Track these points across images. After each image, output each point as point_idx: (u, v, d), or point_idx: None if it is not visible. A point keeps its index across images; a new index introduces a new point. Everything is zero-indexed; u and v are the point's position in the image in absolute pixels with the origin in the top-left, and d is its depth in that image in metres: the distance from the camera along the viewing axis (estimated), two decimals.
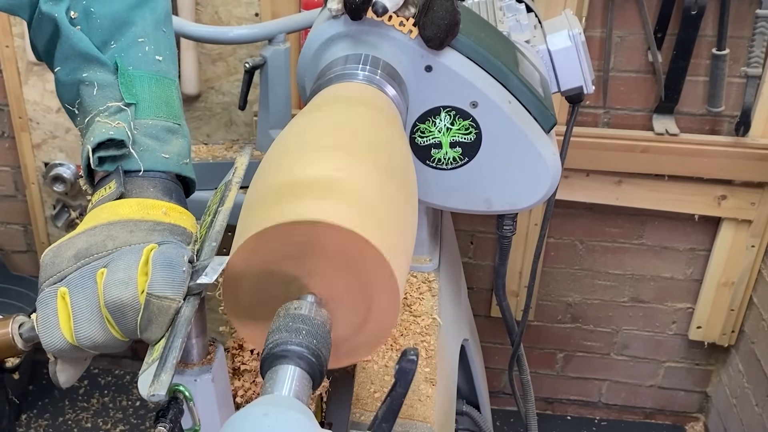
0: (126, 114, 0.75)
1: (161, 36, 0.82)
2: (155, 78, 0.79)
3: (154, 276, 0.64)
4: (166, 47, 0.82)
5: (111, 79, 0.77)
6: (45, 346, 0.66)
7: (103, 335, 0.66)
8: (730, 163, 1.91)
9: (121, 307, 0.64)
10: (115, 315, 0.65)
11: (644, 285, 2.23)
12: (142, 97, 0.77)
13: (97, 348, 0.67)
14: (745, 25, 1.83)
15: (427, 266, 1.21)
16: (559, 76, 1.17)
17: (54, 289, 0.66)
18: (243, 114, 2.05)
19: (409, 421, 0.95)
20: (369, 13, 0.92)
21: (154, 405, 0.63)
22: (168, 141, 0.77)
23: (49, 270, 0.67)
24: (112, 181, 0.73)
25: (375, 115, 0.82)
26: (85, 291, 0.65)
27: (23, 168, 2.24)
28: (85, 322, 0.65)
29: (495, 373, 2.25)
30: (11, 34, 2.05)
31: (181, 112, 0.81)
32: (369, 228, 0.63)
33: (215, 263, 0.68)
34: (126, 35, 0.79)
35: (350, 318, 0.67)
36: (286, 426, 0.53)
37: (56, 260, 0.68)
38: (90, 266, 0.66)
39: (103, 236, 0.68)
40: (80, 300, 0.65)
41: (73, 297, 0.65)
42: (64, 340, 0.65)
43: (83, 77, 0.77)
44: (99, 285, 0.65)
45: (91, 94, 0.77)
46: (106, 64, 0.77)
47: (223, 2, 1.94)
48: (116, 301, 0.64)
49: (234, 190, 0.81)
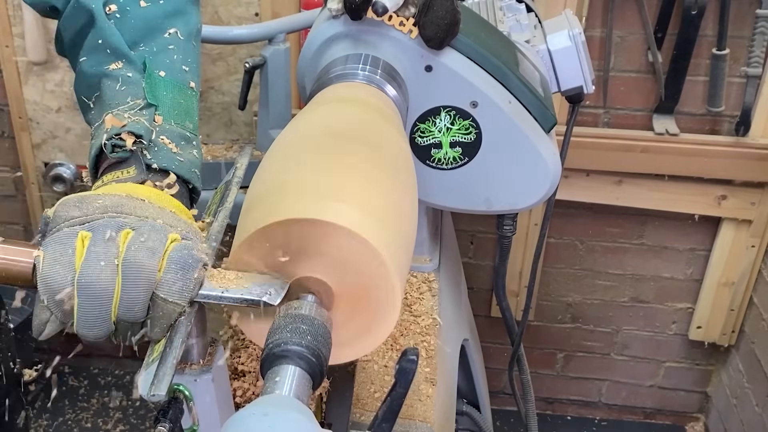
0: (147, 113, 0.75)
1: (190, 48, 0.83)
2: (179, 86, 0.80)
3: (166, 277, 0.63)
4: (194, 60, 0.83)
5: (137, 78, 0.77)
6: (48, 283, 0.61)
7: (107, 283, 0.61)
8: (730, 163, 1.91)
9: (139, 271, 0.62)
10: (128, 277, 0.62)
11: (644, 285, 2.22)
12: (163, 102, 0.78)
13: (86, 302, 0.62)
14: (745, 25, 1.83)
15: (427, 266, 1.21)
16: (559, 76, 1.18)
17: (75, 231, 0.63)
18: (243, 114, 2.05)
19: (409, 421, 0.95)
20: (369, 13, 0.92)
21: (154, 405, 0.63)
22: (182, 148, 0.77)
23: (72, 212, 0.64)
24: (131, 167, 0.72)
25: (375, 115, 0.82)
26: (106, 242, 0.62)
27: (23, 168, 2.24)
28: (95, 265, 0.61)
29: (495, 373, 2.25)
30: (11, 34, 2.05)
31: (197, 125, 0.82)
32: (369, 227, 0.63)
33: (279, 286, 0.65)
34: (157, 40, 0.80)
35: (350, 317, 0.67)
36: (286, 426, 0.53)
37: (82, 205, 0.65)
38: (118, 221, 0.64)
39: (134, 203, 0.66)
40: (100, 248, 0.62)
41: (92, 244, 0.62)
42: (70, 283, 0.61)
43: (109, 71, 0.77)
44: (122, 243, 0.62)
45: (114, 89, 0.77)
46: (134, 62, 0.78)
47: (223, 2, 1.94)
48: (137, 264, 0.61)
49: (234, 190, 0.81)
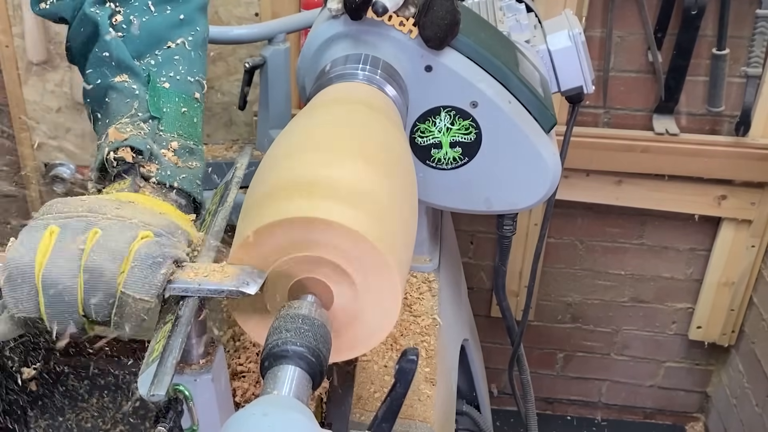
0: (149, 126, 0.76)
1: (196, 59, 0.84)
2: (183, 97, 0.80)
3: (132, 273, 0.62)
4: (199, 70, 0.84)
5: (141, 90, 0.78)
6: (7, 261, 0.62)
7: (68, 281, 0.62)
8: (730, 163, 1.91)
9: (100, 274, 0.62)
10: (88, 280, 0.62)
11: (644, 285, 2.22)
12: (167, 113, 0.78)
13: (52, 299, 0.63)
14: (745, 25, 1.83)
15: (427, 266, 1.21)
16: (559, 76, 1.17)
17: (45, 223, 0.64)
18: (243, 114, 2.05)
19: (409, 421, 0.95)
20: (369, 13, 0.92)
21: (154, 405, 0.63)
22: (185, 160, 0.78)
23: (56, 207, 0.66)
24: (127, 180, 0.74)
25: (375, 115, 0.82)
26: (74, 238, 0.63)
27: (23, 168, 2.24)
28: (58, 260, 0.62)
29: (495, 373, 2.25)
30: (11, 34, 2.04)
31: (201, 135, 0.82)
32: (369, 227, 0.63)
33: (257, 275, 0.65)
34: (163, 51, 0.81)
35: (350, 317, 0.67)
36: (286, 426, 0.53)
37: (66, 204, 0.67)
38: (86, 220, 0.65)
39: (112, 204, 0.68)
40: (65, 244, 0.63)
41: (59, 239, 0.63)
42: (30, 267, 0.62)
43: (114, 83, 0.78)
44: (88, 243, 0.63)
45: (119, 101, 0.78)
46: (138, 74, 0.79)
47: (223, 2, 1.93)
48: (97, 267, 0.62)
49: (234, 190, 0.81)
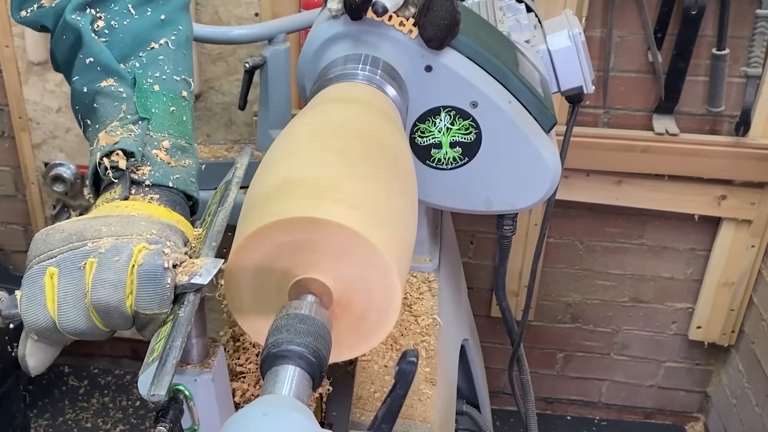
0: (139, 127, 0.76)
1: (181, 57, 0.83)
2: (171, 97, 0.80)
3: (139, 294, 0.64)
4: (185, 69, 0.83)
5: (128, 93, 0.78)
6: (27, 324, 0.65)
7: (86, 324, 0.65)
8: (730, 163, 1.91)
9: (107, 309, 0.64)
10: (100, 314, 0.65)
11: (644, 285, 2.22)
12: (156, 114, 0.78)
13: (79, 335, 0.66)
14: (745, 25, 1.83)
15: (427, 266, 1.21)
16: (559, 76, 1.17)
17: (43, 268, 0.65)
18: (243, 114, 2.05)
19: (409, 421, 0.95)
20: (369, 13, 0.92)
21: (154, 405, 0.63)
22: (177, 158, 0.78)
23: (41, 247, 0.67)
24: (118, 187, 0.74)
25: (375, 115, 0.82)
26: (73, 275, 0.65)
27: (23, 168, 2.24)
28: (69, 309, 0.65)
29: (495, 373, 2.25)
30: (11, 34, 2.05)
31: (193, 133, 0.82)
32: (368, 227, 0.63)
33: (210, 265, 0.67)
34: (147, 52, 0.81)
35: (350, 317, 0.67)
36: (286, 426, 0.53)
37: (49, 239, 0.67)
38: (81, 251, 0.66)
39: (99, 223, 0.68)
40: (68, 285, 0.65)
41: (61, 280, 0.65)
42: (48, 320, 0.65)
43: (101, 88, 0.78)
44: (87, 277, 0.64)
45: (107, 105, 0.78)
46: (124, 78, 0.78)
47: (223, 2, 1.94)
48: (103, 303, 0.64)
49: (234, 190, 0.81)
